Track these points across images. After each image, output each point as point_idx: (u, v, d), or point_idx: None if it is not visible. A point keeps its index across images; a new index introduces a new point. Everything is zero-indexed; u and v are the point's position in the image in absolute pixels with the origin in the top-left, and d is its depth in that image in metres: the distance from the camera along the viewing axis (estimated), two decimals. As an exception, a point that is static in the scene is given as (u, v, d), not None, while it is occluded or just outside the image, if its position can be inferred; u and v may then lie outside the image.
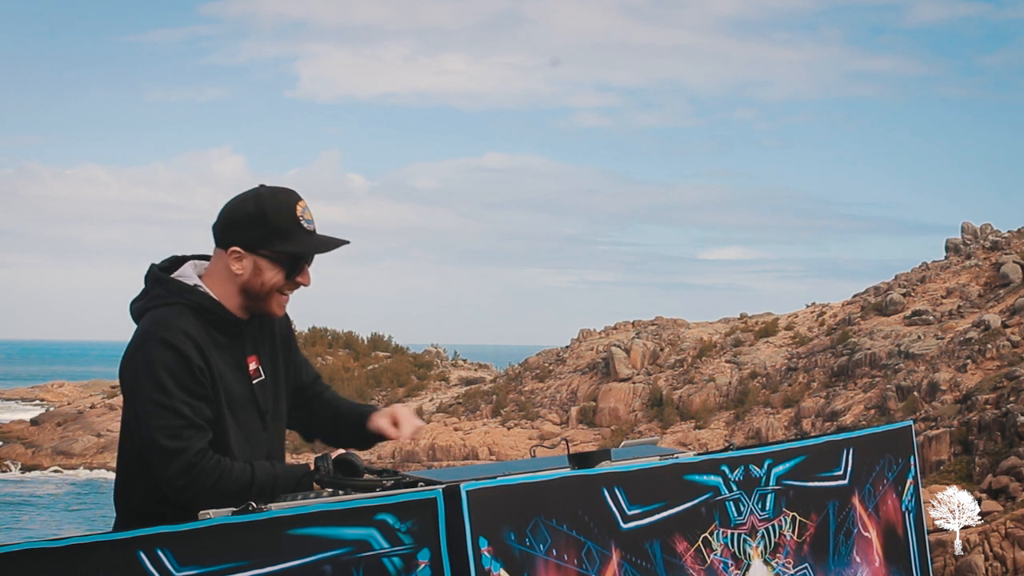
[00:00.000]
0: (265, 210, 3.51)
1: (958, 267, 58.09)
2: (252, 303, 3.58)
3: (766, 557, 3.55)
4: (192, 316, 3.50)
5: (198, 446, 3.41)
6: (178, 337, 3.43)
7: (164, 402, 3.40)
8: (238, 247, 3.53)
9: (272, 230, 3.50)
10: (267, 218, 3.50)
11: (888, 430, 4.24)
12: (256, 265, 3.53)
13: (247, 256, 3.53)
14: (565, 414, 61.23)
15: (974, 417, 40.93)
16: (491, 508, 2.79)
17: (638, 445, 3.78)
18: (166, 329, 3.45)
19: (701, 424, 56.66)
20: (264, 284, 3.54)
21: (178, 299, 3.52)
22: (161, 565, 3.08)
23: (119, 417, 3.73)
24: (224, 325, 3.55)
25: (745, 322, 64.23)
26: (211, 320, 3.53)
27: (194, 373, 3.43)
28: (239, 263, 3.53)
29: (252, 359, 3.62)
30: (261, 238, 3.51)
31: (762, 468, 3.59)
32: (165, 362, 3.41)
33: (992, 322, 49.10)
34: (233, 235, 3.54)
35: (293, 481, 3.43)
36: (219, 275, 3.58)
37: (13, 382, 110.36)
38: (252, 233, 3.51)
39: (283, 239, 3.51)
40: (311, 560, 2.90)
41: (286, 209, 3.51)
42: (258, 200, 3.54)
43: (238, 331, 3.59)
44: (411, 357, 73.37)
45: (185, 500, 3.42)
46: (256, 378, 3.61)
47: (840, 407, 51.63)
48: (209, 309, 3.52)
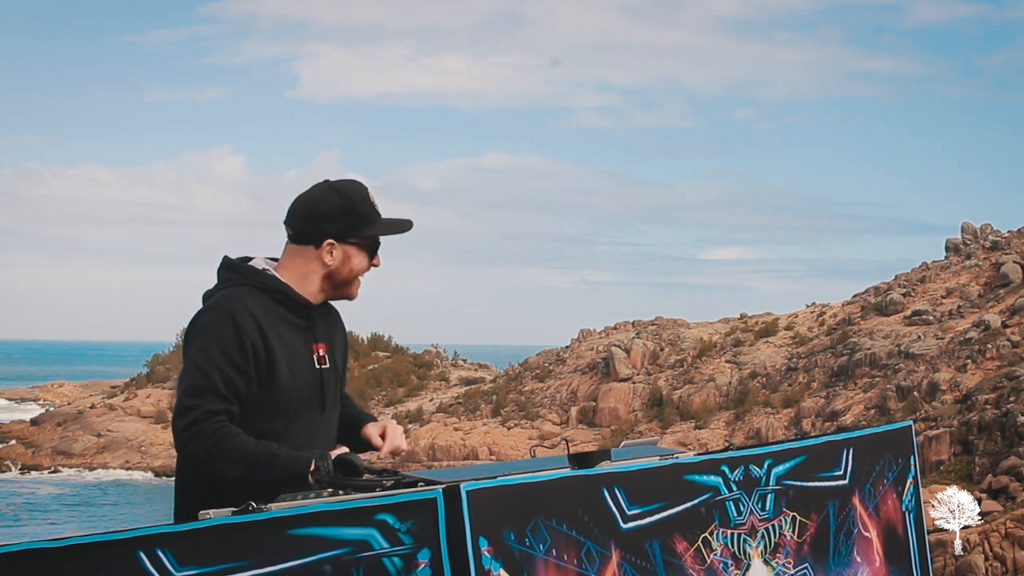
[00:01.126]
0: (352, 200, 3.73)
1: (958, 267, 58.11)
2: (335, 290, 3.77)
3: (766, 557, 3.55)
4: (262, 296, 3.66)
5: (209, 407, 3.51)
6: (239, 311, 3.59)
7: (200, 363, 3.55)
8: (331, 238, 3.71)
9: (360, 218, 3.72)
10: (355, 208, 3.72)
11: (888, 430, 4.25)
12: (346, 253, 3.73)
13: (338, 246, 3.72)
14: (565, 414, 61.24)
15: (974, 417, 40.94)
16: (491, 508, 2.80)
17: (638, 445, 3.78)
18: (230, 301, 3.61)
19: (701, 424, 56.67)
20: (352, 270, 3.75)
21: (249, 280, 3.70)
22: (161, 565, 3.08)
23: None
24: (295, 306, 3.70)
25: (745, 322, 64.25)
26: (281, 301, 3.68)
27: (244, 348, 3.56)
28: (330, 254, 3.72)
29: (321, 346, 3.76)
30: (352, 226, 3.72)
31: (762, 468, 3.59)
32: (218, 331, 3.57)
33: (992, 322, 49.11)
34: (325, 228, 3.71)
35: (293, 466, 3.45)
36: (294, 266, 3.74)
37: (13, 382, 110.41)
38: (343, 223, 3.71)
39: (368, 225, 3.73)
40: (311, 560, 2.90)
41: (365, 198, 3.74)
42: (340, 192, 3.74)
43: (308, 314, 3.72)
44: (411, 357, 73.40)
45: (190, 455, 3.52)
46: (323, 365, 3.75)
47: (840, 407, 51.64)
48: (279, 290, 3.69)
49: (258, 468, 3.44)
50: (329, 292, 3.77)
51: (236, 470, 3.44)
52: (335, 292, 3.78)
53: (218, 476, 3.48)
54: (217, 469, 3.47)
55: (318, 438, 3.69)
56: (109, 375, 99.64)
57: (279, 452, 3.49)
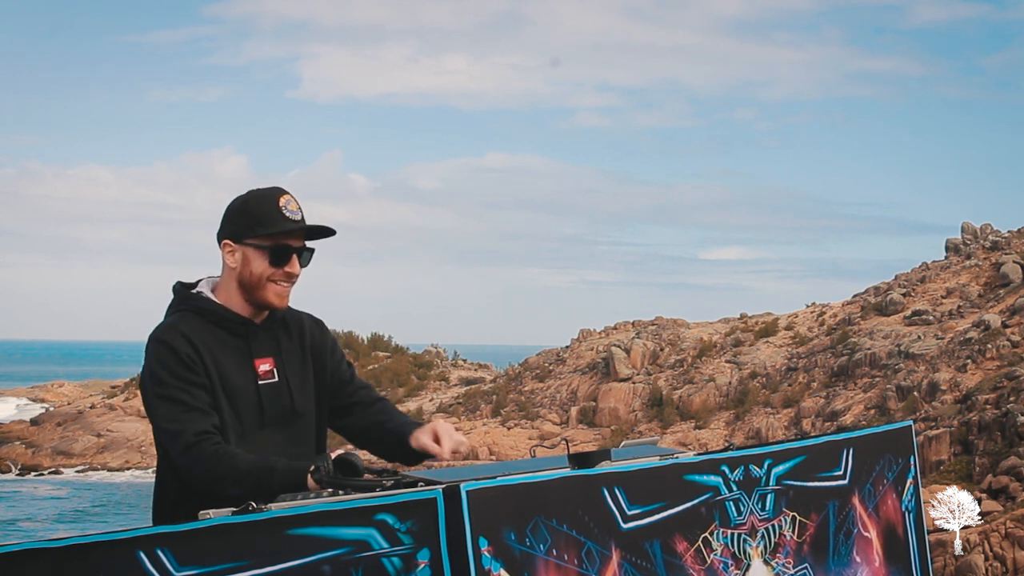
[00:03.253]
0: (250, 202, 3.73)
1: (958, 267, 58.08)
2: (250, 296, 3.74)
3: (766, 557, 3.54)
4: (195, 319, 3.70)
5: (197, 428, 3.55)
6: (168, 334, 3.65)
7: (162, 393, 3.60)
8: (228, 239, 3.74)
9: (254, 219, 3.70)
10: (250, 208, 3.72)
11: (888, 430, 4.24)
12: (245, 256, 3.72)
13: (237, 248, 3.73)
14: (565, 414, 61.22)
15: (974, 417, 40.93)
16: (491, 508, 2.79)
17: (638, 445, 3.78)
18: (160, 331, 3.69)
19: (701, 424, 56.65)
20: (253, 274, 3.72)
21: (183, 306, 3.76)
22: (161, 565, 3.08)
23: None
24: (228, 325, 3.72)
25: (745, 322, 64.22)
26: (215, 321, 3.71)
27: (184, 361, 3.60)
28: (232, 256, 3.73)
29: (266, 361, 3.75)
30: (246, 227, 3.71)
31: (762, 468, 3.59)
32: (158, 357, 3.63)
33: (992, 322, 49.09)
34: (224, 229, 3.76)
35: (292, 477, 3.45)
36: (224, 278, 3.78)
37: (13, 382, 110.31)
38: (238, 224, 3.72)
39: (265, 227, 3.69)
40: (311, 560, 2.90)
41: (268, 200, 3.72)
42: (245, 195, 3.77)
43: (245, 331, 3.74)
44: (411, 357, 73.35)
45: (193, 480, 3.55)
46: (267, 379, 3.74)
47: (840, 407, 51.62)
48: (210, 311, 3.72)
49: (257, 485, 3.43)
50: (249, 300, 3.74)
51: (236, 490, 3.44)
52: (251, 298, 3.74)
53: (220, 495, 3.47)
54: (218, 491, 3.47)
55: (260, 451, 3.64)
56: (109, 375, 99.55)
57: (276, 466, 3.49)
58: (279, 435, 3.75)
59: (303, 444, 3.80)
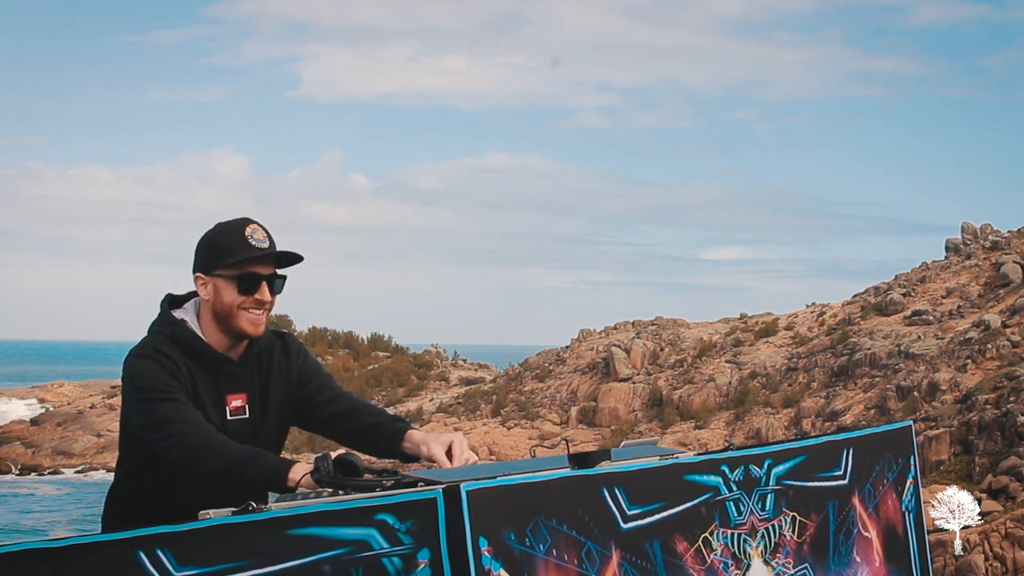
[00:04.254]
0: (216, 234, 3.78)
1: (958, 267, 58.08)
2: (225, 326, 3.78)
3: (766, 557, 3.54)
4: (173, 348, 3.75)
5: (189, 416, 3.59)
6: (147, 351, 3.71)
7: (147, 397, 3.65)
8: (200, 272, 3.79)
9: (222, 250, 3.75)
10: (216, 240, 3.77)
11: (888, 430, 4.24)
12: (216, 287, 3.77)
13: (208, 280, 3.77)
14: (565, 414, 61.21)
15: (974, 417, 40.93)
16: (491, 508, 2.79)
17: (638, 445, 3.77)
18: (139, 348, 3.75)
19: (701, 424, 56.64)
20: (224, 304, 3.76)
21: (162, 330, 3.80)
22: (161, 565, 3.08)
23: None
24: (203, 358, 3.76)
25: (745, 322, 64.22)
26: (191, 352, 3.75)
27: (167, 369, 3.66)
28: (204, 288, 3.78)
29: (238, 397, 3.81)
30: (213, 258, 3.76)
31: (762, 468, 3.59)
32: (140, 371, 3.70)
33: (992, 322, 49.09)
34: (196, 263, 3.81)
35: (275, 468, 3.49)
36: (202, 312, 3.82)
37: (13, 382, 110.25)
38: (206, 256, 3.77)
39: (232, 256, 3.73)
40: (311, 560, 2.90)
41: (234, 231, 3.76)
42: (213, 228, 3.81)
43: (217, 367, 3.78)
44: (411, 357, 73.34)
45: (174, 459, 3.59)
46: (237, 415, 3.79)
47: (840, 407, 51.62)
48: (187, 341, 3.76)
49: (242, 464, 3.50)
50: (225, 331, 3.79)
51: (218, 464, 3.51)
52: (226, 328, 3.78)
53: (200, 472, 3.54)
54: (199, 465, 3.53)
55: None
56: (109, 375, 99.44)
57: (264, 453, 3.55)
58: None
59: None
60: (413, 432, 3.84)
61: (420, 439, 3.78)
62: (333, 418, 3.93)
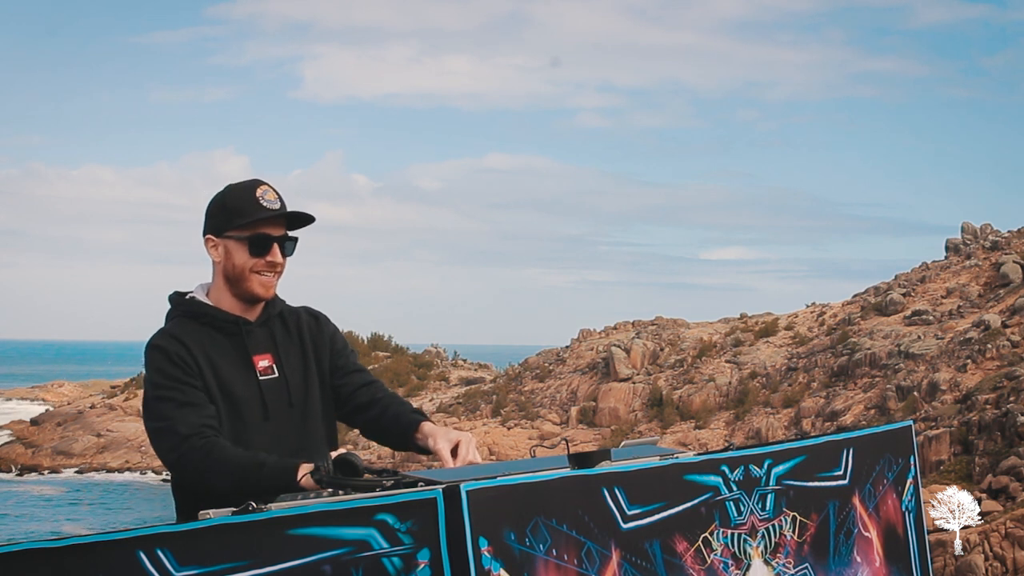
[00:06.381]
0: (227, 195, 3.77)
1: (958, 267, 58.08)
2: (237, 289, 3.77)
3: (766, 557, 3.54)
4: (189, 323, 3.74)
5: (188, 423, 3.57)
6: (160, 339, 3.70)
7: (155, 394, 3.64)
8: (210, 234, 3.77)
9: (233, 211, 3.73)
10: (226, 201, 3.75)
11: (888, 430, 4.24)
12: (227, 249, 3.75)
13: (219, 242, 3.76)
14: (565, 414, 61.21)
15: (974, 417, 40.93)
16: (491, 508, 2.79)
17: (638, 445, 3.77)
18: (154, 337, 3.72)
19: (701, 424, 56.63)
20: (236, 266, 3.75)
21: (177, 312, 3.80)
22: (161, 565, 3.08)
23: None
24: (221, 324, 3.75)
25: (745, 322, 64.22)
26: (208, 323, 3.74)
27: (174, 361, 3.64)
28: (215, 250, 3.77)
29: (264, 357, 3.78)
30: (225, 220, 3.74)
31: (762, 468, 3.59)
32: (152, 363, 3.68)
33: (992, 322, 49.08)
34: (206, 225, 3.79)
35: (281, 474, 3.46)
36: (214, 278, 3.81)
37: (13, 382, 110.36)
38: (217, 218, 3.75)
39: (243, 217, 3.71)
40: (311, 560, 2.90)
41: (245, 192, 3.74)
42: (223, 190, 3.81)
43: (238, 329, 3.76)
44: (411, 357, 73.35)
45: (185, 476, 3.58)
46: (267, 375, 3.76)
47: (840, 407, 51.61)
48: (202, 313, 3.76)
49: (246, 479, 3.47)
50: (237, 295, 3.78)
51: (225, 483, 3.48)
52: (238, 292, 3.77)
53: (211, 489, 3.51)
54: (209, 483, 3.52)
55: (262, 445, 3.67)
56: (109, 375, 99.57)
57: (266, 461, 3.51)
58: (284, 430, 3.76)
59: (310, 438, 3.80)
60: (425, 424, 3.82)
61: (429, 431, 3.77)
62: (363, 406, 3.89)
